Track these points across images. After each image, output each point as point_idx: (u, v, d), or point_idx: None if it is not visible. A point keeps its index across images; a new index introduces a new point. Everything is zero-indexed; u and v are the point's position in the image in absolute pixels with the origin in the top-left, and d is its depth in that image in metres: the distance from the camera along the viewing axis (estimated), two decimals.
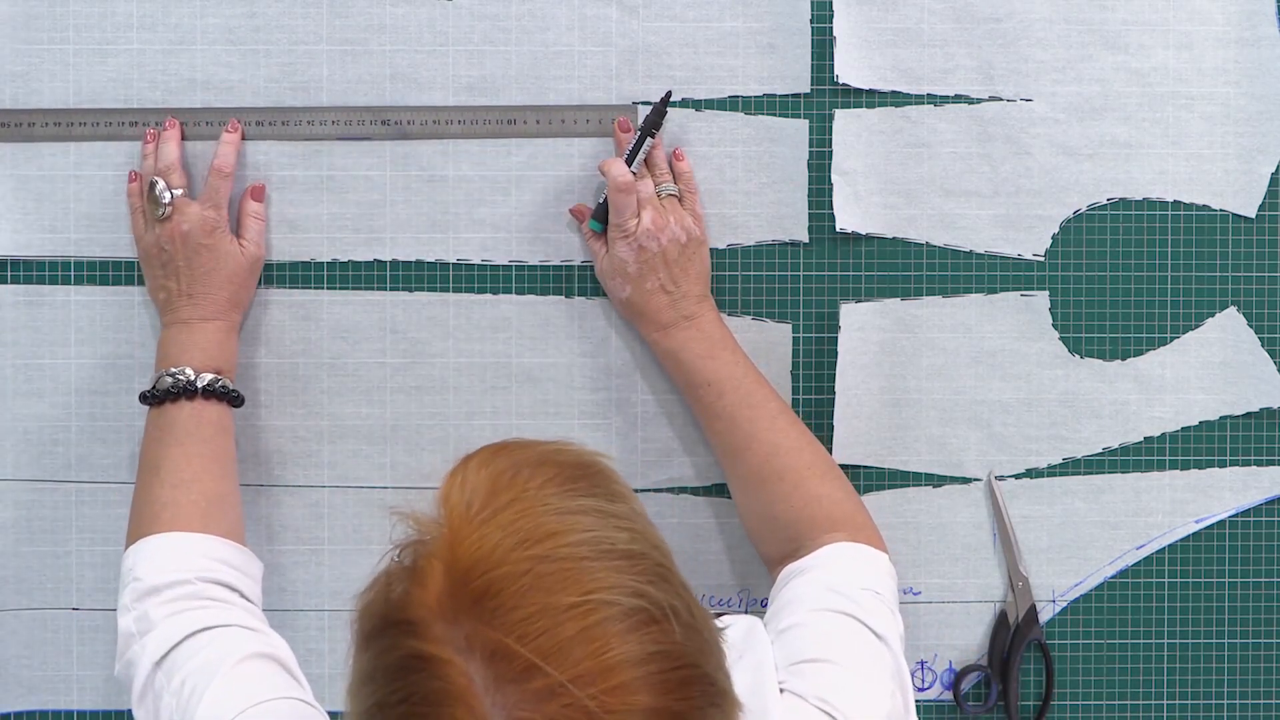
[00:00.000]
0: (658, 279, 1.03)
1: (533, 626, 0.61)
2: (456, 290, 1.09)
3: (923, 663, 1.11)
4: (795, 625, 0.90)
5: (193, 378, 1.00)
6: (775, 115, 1.09)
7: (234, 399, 1.02)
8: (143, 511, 0.98)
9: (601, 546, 0.64)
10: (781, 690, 0.85)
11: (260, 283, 1.07)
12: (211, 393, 1.00)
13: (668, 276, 1.03)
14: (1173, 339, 1.10)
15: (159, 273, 1.04)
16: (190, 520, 0.96)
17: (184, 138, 1.06)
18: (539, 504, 0.65)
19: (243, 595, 0.94)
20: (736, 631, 0.89)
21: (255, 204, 1.06)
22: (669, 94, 1.06)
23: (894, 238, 1.09)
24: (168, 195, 1.03)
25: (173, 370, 1.00)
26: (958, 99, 1.09)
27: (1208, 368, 1.10)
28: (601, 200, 1.04)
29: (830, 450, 1.08)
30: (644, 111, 1.07)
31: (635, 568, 0.64)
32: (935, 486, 1.10)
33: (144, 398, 1.01)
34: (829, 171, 1.08)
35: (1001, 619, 1.10)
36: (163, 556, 0.94)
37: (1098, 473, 1.11)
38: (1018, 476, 1.10)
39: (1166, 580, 1.11)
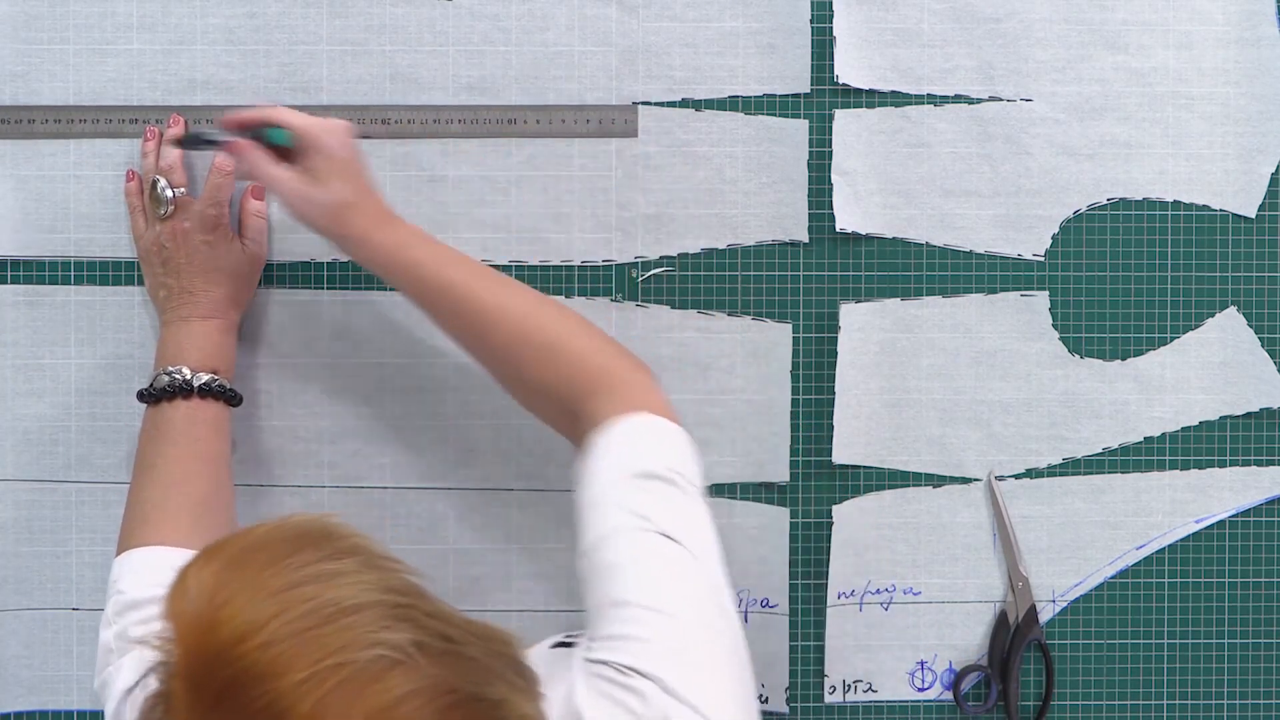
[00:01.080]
0: (368, 173, 0.97)
1: (271, 713, 0.61)
2: None
3: (923, 663, 1.11)
4: (593, 554, 0.83)
5: (189, 377, 1.00)
6: (775, 115, 1.09)
7: (231, 398, 1.02)
8: (133, 512, 0.98)
9: (324, 613, 0.64)
10: (588, 659, 0.79)
11: (260, 283, 1.07)
12: (208, 392, 1.00)
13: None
14: (1173, 339, 1.10)
15: (159, 270, 1.04)
16: (178, 522, 0.96)
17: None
18: (257, 590, 0.64)
19: None
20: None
21: (257, 203, 1.06)
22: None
23: (894, 238, 1.09)
24: (170, 193, 1.03)
25: (169, 369, 1.00)
26: (958, 99, 1.09)
27: (1208, 368, 1.10)
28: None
29: (830, 451, 1.09)
30: (644, 110, 1.07)
31: (363, 621, 0.64)
32: (935, 486, 1.10)
33: (141, 395, 1.01)
34: (829, 171, 1.08)
35: (1001, 619, 1.10)
36: (147, 570, 0.93)
37: (1098, 473, 1.11)
38: (1018, 476, 1.10)
39: (1166, 580, 1.11)
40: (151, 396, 1.00)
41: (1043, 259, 1.10)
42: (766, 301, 1.09)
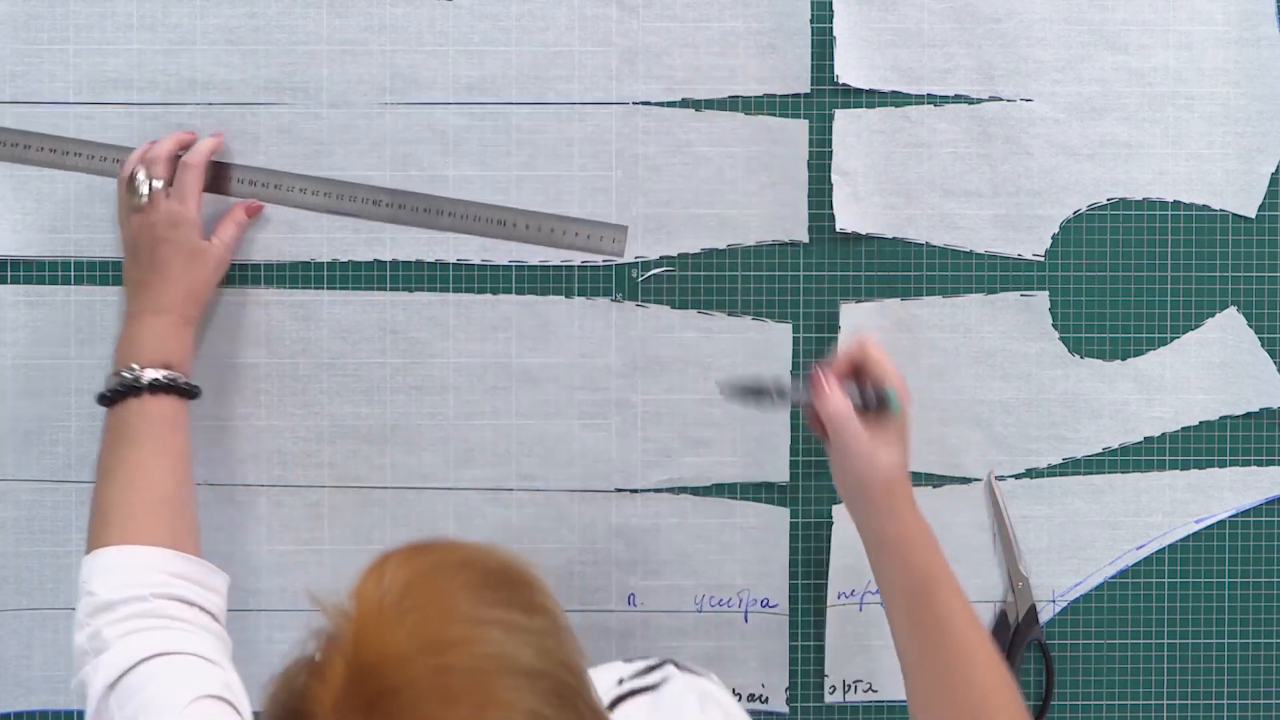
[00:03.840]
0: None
1: None
2: (456, 290, 1.09)
3: None
4: None
5: (139, 374, 0.98)
6: (775, 115, 1.09)
7: (184, 391, 1.00)
8: (95, 516, 0.96)
9: (505, 661, 0.64)
10: None
11: (260, 283, 1.07)
12: (159, 387, 0.99)
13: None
14: (1173, 339, 1.10)
15: (129, 262, 1.03)
16: (141, 522, 0.94)
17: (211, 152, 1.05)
18: (449, 610, 0.64)
19: (203, 609, 0.92)
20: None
21: (243, 216, 1.06)
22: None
23: (894, 238, 1.09)
24: (145, 186, 1.02)
25: (120, 370, 0.99)
26: (958, 99, 1.09)
27: (1208, 368, 1.10)
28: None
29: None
30: (645, 110, 1.08)
31: (535, 687, 0.64)
32: (935, 486, 1.10)
33: (100, 399, 1.00)
34: (829, 171, 1.08)
35: (1001, 619, 1.10)
36: (117, 570, 0.91)
37: (1098, 473, 1.11)
38: (1018, 476, 1.10)
39: (1166, 580, 1.11)
40: (107, 399, 0.99)
41: (1043, 259, 1.10)
42: (766, 301, 1.09)
